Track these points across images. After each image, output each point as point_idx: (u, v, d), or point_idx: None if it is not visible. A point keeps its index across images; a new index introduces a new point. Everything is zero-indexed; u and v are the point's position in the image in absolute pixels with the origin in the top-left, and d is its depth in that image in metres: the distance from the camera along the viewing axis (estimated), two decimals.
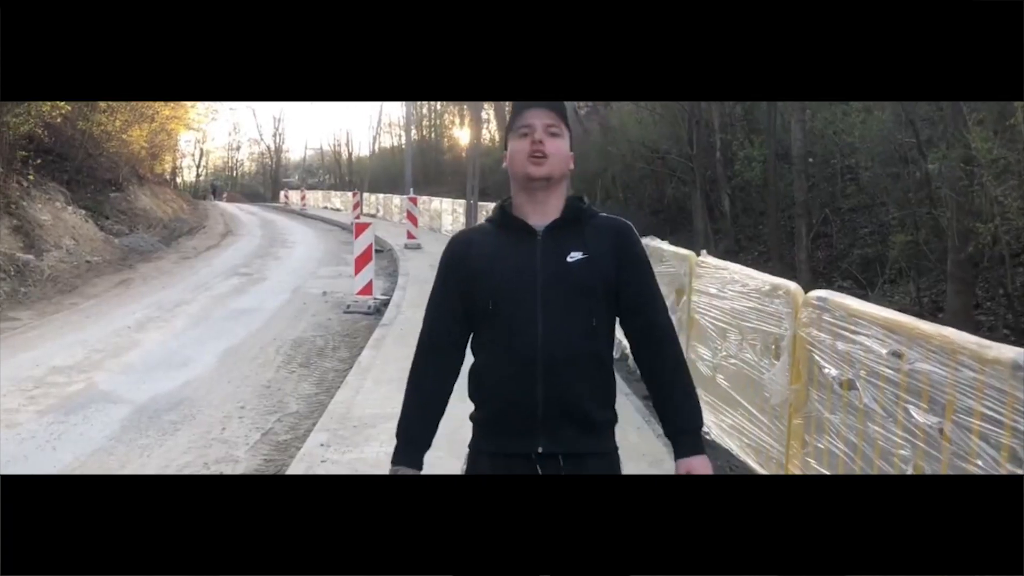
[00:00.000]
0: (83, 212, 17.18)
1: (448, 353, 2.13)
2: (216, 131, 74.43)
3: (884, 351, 3.09)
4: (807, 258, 12.02)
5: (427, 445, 2.14)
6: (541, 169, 2.02)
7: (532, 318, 1.99)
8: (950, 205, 8.92)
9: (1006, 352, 2.46)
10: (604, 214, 2.17)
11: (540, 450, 2.00)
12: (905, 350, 2.97)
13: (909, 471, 2.91)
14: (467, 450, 2.14)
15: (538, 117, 2.07)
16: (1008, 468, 2.42)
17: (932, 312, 9.38)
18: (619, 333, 2.15)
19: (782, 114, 13.89)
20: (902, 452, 2.95)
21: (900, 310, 3.87)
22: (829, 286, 9.63)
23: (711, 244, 14.46)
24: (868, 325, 3.24)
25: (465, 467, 2.12)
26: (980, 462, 2.55)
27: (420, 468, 2.11)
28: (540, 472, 1.99)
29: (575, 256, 2.02)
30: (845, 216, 13.34)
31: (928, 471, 2.81)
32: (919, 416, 2.86)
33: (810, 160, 13.39)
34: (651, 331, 2.10)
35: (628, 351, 7.40)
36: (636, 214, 19.12)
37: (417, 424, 2.13)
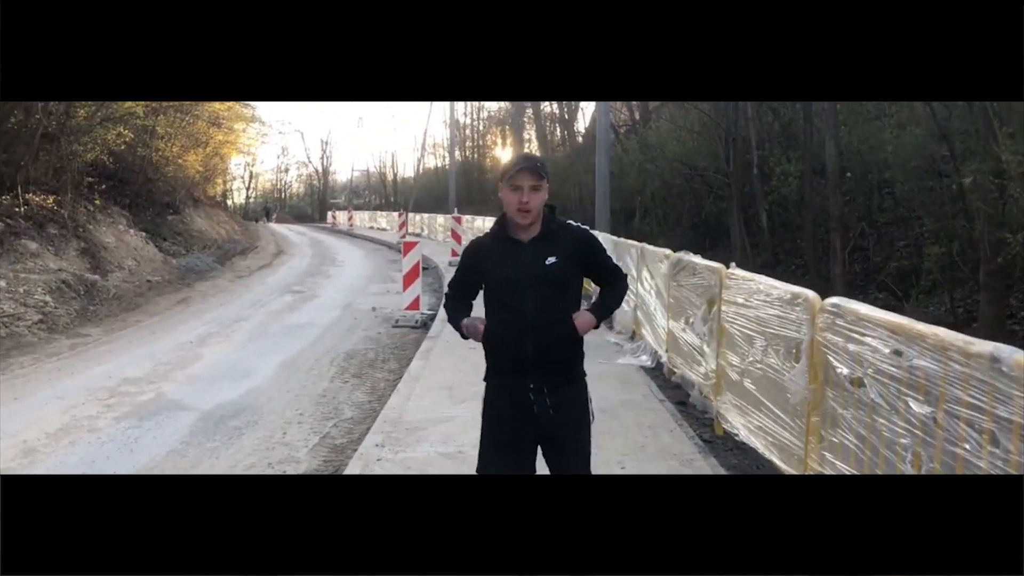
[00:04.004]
0: (143, 234, 18.00)
1: (463, 300, 3.22)
2: (265, 154, 76.20)
3: (887, 350, 3.40)
4: (842, 272, 12.17)
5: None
6: (526, 218, 2.97)
7: (524, 302, 2.96)
8: (982, 217, 9.08)
9: (986, 346, 2.77)
10: (570, 222, 3.17)
11: (531, 385, 2.97)
12: (905, 349, 3.28)
13: (909, 458, 3.21)
14: (484, 383, 3.12)
15: (525, 179, 2.92)
16: (990, 450, 2.72)
17: (966, 322, 9.50)
18: (645, 350, 2.64)
19: (818, 130, 14.07)
20: (903, 441, 3.26)
21: (935, 321, 4.08)
22: (865, 298, 9.81)
23: (749, 258, 14.67)
24: (874, 327, 3.55)
25: (485, 395, 3.12)
26: (967, 446, 2.85)
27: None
28: (532, 399, 2.96)
29: (551, 260, 2.98)
30: (882, 229, 13.46)
31: (924, 457, 3.11)
32: (917, 407, 3.16)
33: (847, 175, 13.55)
34: (612, 277, 3.23)
35: (662, 360, 7.57)
36: (675, 229, 19.35)
37: (456, 315, 3.20)
